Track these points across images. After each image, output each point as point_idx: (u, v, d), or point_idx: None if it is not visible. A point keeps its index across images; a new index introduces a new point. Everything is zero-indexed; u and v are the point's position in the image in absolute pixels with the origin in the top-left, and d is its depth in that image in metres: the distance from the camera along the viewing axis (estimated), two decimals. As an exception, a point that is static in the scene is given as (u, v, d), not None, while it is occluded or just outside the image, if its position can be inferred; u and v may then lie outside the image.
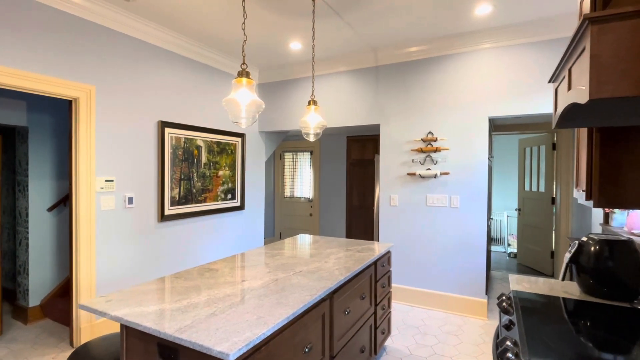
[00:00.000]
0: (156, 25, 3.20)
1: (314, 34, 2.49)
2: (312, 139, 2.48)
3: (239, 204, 4.40)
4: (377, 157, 5.21)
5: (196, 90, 3.78)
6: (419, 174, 3.64)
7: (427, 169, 3.65)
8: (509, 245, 6.77)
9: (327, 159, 6.29)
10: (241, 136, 4.41)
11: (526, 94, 3.19)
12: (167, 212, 3.42)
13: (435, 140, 3.58)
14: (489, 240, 4.78)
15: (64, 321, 3.24)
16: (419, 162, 3.69)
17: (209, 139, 3.93)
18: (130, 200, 3.08)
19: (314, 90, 2.80)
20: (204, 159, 3.88)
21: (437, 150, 3.56)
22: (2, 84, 2.30)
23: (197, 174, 3.79)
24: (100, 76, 2.85)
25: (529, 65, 3.18)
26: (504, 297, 1.53)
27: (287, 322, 1.35)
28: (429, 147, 3.60)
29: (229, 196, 4.26)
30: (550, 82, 1.49)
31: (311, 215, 6.49)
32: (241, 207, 4.42)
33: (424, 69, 3.66)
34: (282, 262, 2.13)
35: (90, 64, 2.78)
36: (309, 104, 2.42)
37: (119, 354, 1.61)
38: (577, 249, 1.62)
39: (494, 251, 6.70)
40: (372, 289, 2.35)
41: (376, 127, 4.16)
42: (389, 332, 2.74)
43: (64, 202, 3.50)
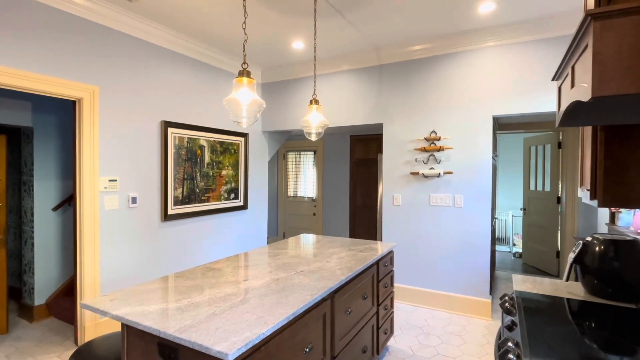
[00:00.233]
0: (159, 25, 3.21)
1: (315, 33, 2.49)
2: (314, 138, 2.47)
3: (242, 203, 4.41)
4: (380, 156, 5.19)
5: (199, 90, 3.79)
6: (422, 174, 3.61)
7: (431, 168, 3.63)
8: (514, 245, 6.72)
9: (330, 159, 6.28)
10: (244, 136, 4.42)
11: (531, 92, 3.16)
12: (170, 211, 3.44)
13: (438, 139, 3.56)
14: (494, 240, 4.74)
15: (69, 320, 3.27)
16: (422, 161, 3.67)
17: (212, 139, 3.94)
18: (133, 200, 3.10)
19: (315, 89, 2.79)
20: (207, 159, 3.89)
21: (440, 149, 3.53)
22: (7, 84, 2.32)
23: (200, 174, 3.80)
24: (103, 76, 2.87)
25: (534, 63, 3.15)
26: (506, 298, 1.52)
27: (287, 322, 1.35)
28: (432, 146, 3.57)
29: (232, 196, 4.27)
30: (553, 79, 1.47)
31: (315, 214, 6.49)
32: (244, 207, 4.43)
33: (428, 67, 3.64)
34: (283, 262, 2.13)
35: (93, 65, 2.80)
36: (311, 103, 2.41)
37: (120, 352, 1.62)
38: (581, 249, 1.60)
39: (498, 251, 6.65)
40: (374, 289, 2.34)
41: (379, 126, 4.15)
42: (391, 332, 2.72)
43: (68, 202, 3.53)
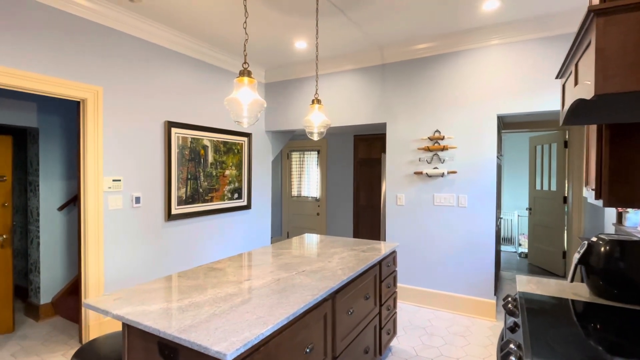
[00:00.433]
0: (162, 25, 3.22)
1: (317, 33, 2.48)
2: (316, 138, 2.46)
3: (245, 203, 4.42)
4: (383, 156, 5.17)
5: (202, 90, 3.80)
6: (426, 173, 3.59)
7: (434, 168, 3.60)
8: (520, 245, 6.65)
9: (334, 158, 6.27)
10: (248, 136, 4.42)
11: (536, 90, 3.12)
12: (174, 211, 3.45)
13: (442, 138, 3.53)
14: (499, 240, 4.70)
15: (74, 318, 3.29)
16: (426, 160, 3.64)
17: (215, 139, 3.95)
18: (137, 199, 3.12)
19: (317, 89, 2.78)
20: (210, 159, 3.90)
21: (444, 148, 3.51)
22: (13, 85, 2.35)
23: (203, 174, 3.81)
24: (107, 77, 2.88)
25: (538, 61, 3.11)
26: (509, 299, 1.50)
27: (287, 323, 1.34)
28: (436, 146, 3.55)
29: (236, 196, 4.28)
30: (557, 77, 1.45)
31: (318, 214, 6.48)
32: (248, 207, 4.44)
33: (431, 66, 3.61)
34: (285, 262, 2.13)
35: (97, 65, 2.82)
36: (313, 102, 2.40)
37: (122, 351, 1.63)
38: (586, 249, 1.57)
39: (504, 251, 6.59)
40: (376, 289, 2.32)
41: (383, 125, 4.13)
42: (394, 332, 2.71)
43: (73, 202, 3.56)
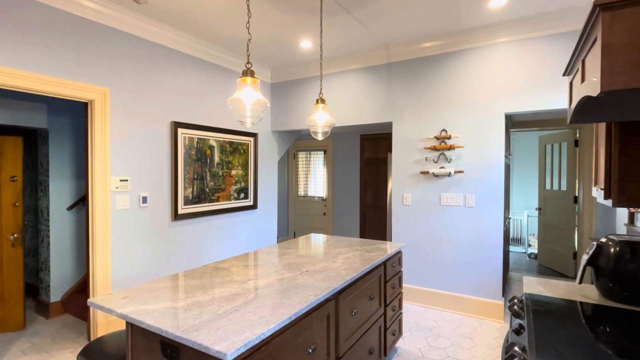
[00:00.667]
0: (167, 26, 3.25)
1: (321, 32, 2.48)
2: (320, 137, 2.46)
3: (251, 203, 4.43)
4: (390, 155, 5.14)
5: (209, 90, 3.83)
6: (433, 173, 3.56)
7: (441, 167, 3.56)
8: (530, 245, 6.56)
9: (340, 158, 6.25)
10: (254, 136, 4.44)
11: (544, 88, 3.07)
12: (180, 211, 3.48)
13: (449, 137, 3.49)
14: (507, 240, 4.63)
15: (83, 316, 3.34)
16: (433, 160, 3.61)
17: (221, 139, 3.97)
18: (144, 199, 3.15)
19: (322, 88, 2.77)
20: (216, 159, 3.92)
21: (451, 148, 3.47)
22: (22, 87, 2.39)
23: (210, 174, 3.84)
24: (114, 78, 2.92)
25: (547, 58, 3.05)
26: (515, 300, 1.47)
27: (288, 323, 1.34)
28: (442, 145, 3.51)
29: (242, 195, 4.29)
30: (564, 75, 1.42)
31: (325, 214, 6.48)
32: (254, 207, 4.45)
33: (438, 64, 3.58)
34: (289, 262, 2.13)
35: (104, 67, 2.85)
36: (317, 102, 2.40)
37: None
38: (595, 250, 1.54)
39: (513, 252, 6.50)
40: (381, 290, 2.31)
41: (389, 125, 4.10)
42: (400, 333, 2.69)
43: (82, 201, 3.61)
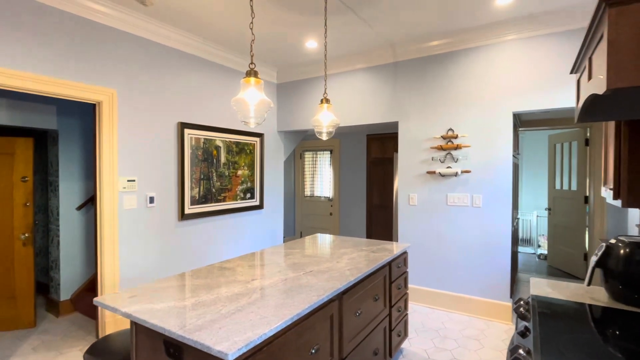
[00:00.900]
0: (174, 28, 3.27)
1: (326, 32, 2.47)
2: (325, 137, 2.45)
3: (258, 203, 4.45)
4: (396, 155, 5.11)
5: (215, 91, 3.85)
6: (439, 172, 3.53)
7: (448, 167, 3.53)
8: (539, 246, 6.46)
9: (347, 158, 6.24)
10: (260, 136, 4.45)
11: (553, 87, 3.02)
12: (187, 211, 3.51)
13: (455, 137, 3.46)
14: (516, 241, 4.57)
15: (92, 315, 3.39)
16: (439, 160, 3.57)
17: (227, 139, 3.99)
18: (151, 199, 3.18)
19: (326, 88, 2.77)
20: (223, 159, 3.94)
21: (458, 147, 3.43)
22: (33, 89, 2.43)
23: (216, 174, 3.86)
24: (121, 80, 2.95)
25: (556, 56, 3.00)
26: (521, 302, 1.45)
27: (291, 323, 1.34)
28: (449, 145, 3.48)
29: (248, 195, 4.31)
30: (572, 72, 1.39)
31: (331, 214, 6.47)
32: (260, 207, 4.47)
33: (444, 63, 3.54)
34: (294, 262, 2.13)
35: (111, 68, 2.89)
36: (322, 102, 2.39)
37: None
38: (604, 251, 1.50)
39: (523, 252, 6.41)
40: (386, 290, 2.29)
41: (395, 124, 4.08)
42: (405, 334, 2.67)
43: (91, 201, 3.66)
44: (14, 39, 2.35)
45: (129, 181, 3.00)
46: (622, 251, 1.45)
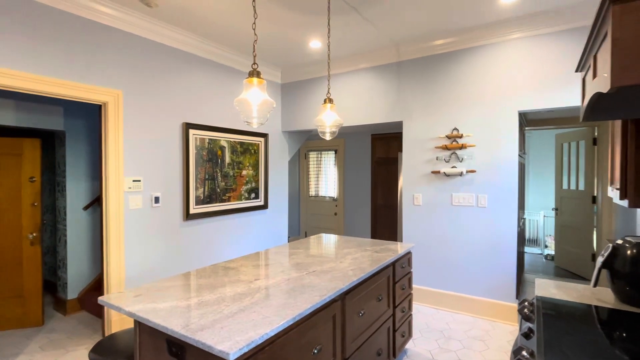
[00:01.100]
0: (178, 29, 3.29)
1: (329, 32, 2.47)
2: (328, 137, 2.45)
3: (262, 203, 4.46)
4: (401, 155, 5.09)
5: (219, 91, 3.87)
6: (444, 172, 3.50)
7: (453, 167, 3.51)
8: (546, 246, 6.39)
9: (351, 158, 6.23)
10: (264, 136, 4.46)
11: (559, 85, 2.98)
12: (192, 211, 3.53)
13: (460, 136, 3.43)
14: (522, 241, 4.53)
15: (98, 313, 3.43)
16: (444, 159, 3.55)
17: (232, 140, 4.01)
18: (156, 199, 3.20)
19: (329, 88, 2.76)
20: (227, 159, 3.96)
21: (462, 147, 3.41)
22: (40, 91, 2.46)
23: (221, 174, 3.88)
24: (126, 81, 2.98)
25: (562, 54, 2.97)
26: (526, 303, 1.43)
27: (293, 323, 1.34)
28: (454, 144, 3.46)
29: (253, 195, 4.32)
30: (577, 71, 1.37)
31: (336, 214, 6.46)
32: (265, 206, 4.48)
33: (449, 62, 3.52)
34: (297, 262, 2.13)
35: (117, 70, 2.91)
36: (325, 102, 2.39)
37: (137, 347, 1.67)
38: (610, 252, 1.48)
39: (529, 253, 6.35)
40: (390, 291, 2.29)
41: (400, 124, 4.06)
42: (409, 335, 2.66)
43: (97, 202, 3.70)
44: (21, 41, 2.39)
45: (134, 181, 3.03)
46: (629, 252, 1.43)
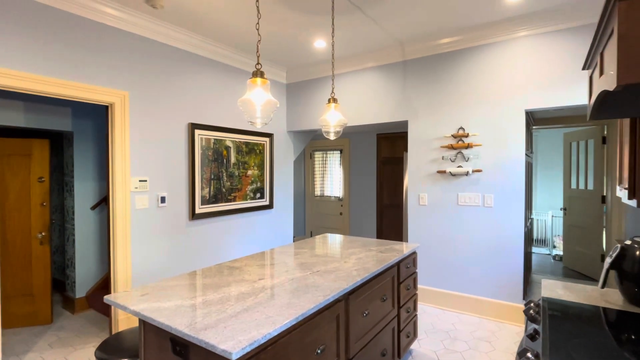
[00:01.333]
0: (184, 30, 3.32)
1: (333, 31, 2.46)
2: (332, 137, 2.45)
3: (267, 202, 4.47)
4: (406, 154, 5.06)
5: (224, 92, 3.88)
6: (450, 172, 3.48)
7: (458, 167, 3.48)
8: (555, 247, 6.31)
9: (357, 157, 6.22)
10: (269, 136, 4.47)
11: (567, 83, 2.94)
12: (197, 210, 3.55)
13: (466, 135, 3.40)
14: (529, 241, 4.48)
15: (106, 312, 3.47)
16: (450, 159, 3.53)
17: (237, 140, 4.02)
18: (162, 199, 3.23)
19: (333, 87, 2.76)
20: (233, 159, 3.97)
21: (468, 146, 3.38)
22: (48, 92, 2.50)
23: (226, 174, 3.89)
24: (132, 82, 3.01)
25: (569, 52, 2.92)
26: (531, 304, 1.42)
27: (296, 323, 1.34)
28: (460, 144, 3.43)
29: (258, 195, 4.33)
30: (584, 68, 1.35)
31: (341, 214, 6.46)
32: (270, 206, 4.49)
33: (454, 61, 3.49)
34: (301, 261, 2.13)
35: (123, 71, 2.94)
36: (329, 101, 2.39)
37: (142, 346, 1.69)
38: (619, 253, 1.46)
39: (537, 253, 6.28)
40: (394, 291, 2.28)
41: (405, 123, 4.04)
42: (414, 335, 2.64)
43: (105, 201, 3.74)
44: (29, 42, 2.42)
45: (140, 181, 3.06)
46: (638, 252, 1.40)
